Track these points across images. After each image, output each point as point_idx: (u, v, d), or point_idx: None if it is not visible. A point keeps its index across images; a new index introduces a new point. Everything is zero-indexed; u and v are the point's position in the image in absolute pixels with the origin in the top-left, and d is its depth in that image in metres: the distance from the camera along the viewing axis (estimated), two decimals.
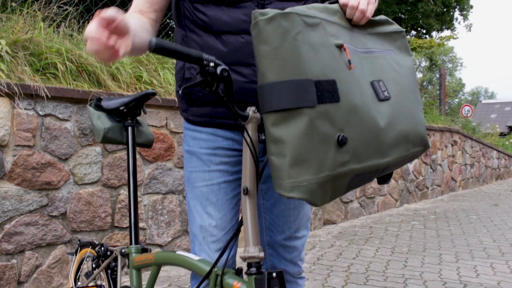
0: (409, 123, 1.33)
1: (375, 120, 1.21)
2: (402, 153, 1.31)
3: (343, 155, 1.13)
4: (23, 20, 3.43)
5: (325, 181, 1.12)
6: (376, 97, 1.25)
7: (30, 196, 3.04)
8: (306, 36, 1.14)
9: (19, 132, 2.98)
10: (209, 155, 1.57)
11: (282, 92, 1.10)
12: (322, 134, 1.10)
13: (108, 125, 1.98)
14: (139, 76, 3.88)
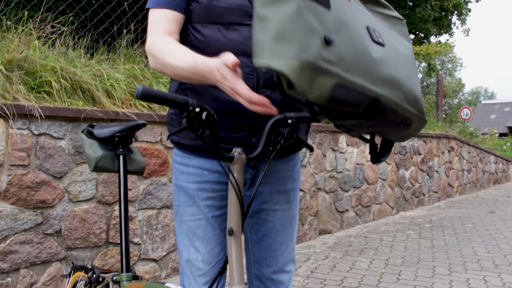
0: (403, 74, 1.31)
1: (366, 46, 1.22)
2: (393, 96, 1.26)
3: (329, 53, 1.13)
4: (18, 39, 3.46)
5: (306, 65, 1.10)
6: (369, 36, 1.26)
7: (25, 214, 3.07)
8: None
9: (14, 152, 3.01)
10: (196, 190, 1.60)
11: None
12: (309, 24, 1.11)
13: (99, 154, 2.02)
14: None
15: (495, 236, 5.69)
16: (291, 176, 1.70)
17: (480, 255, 4.82)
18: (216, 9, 1.49)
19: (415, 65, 1.44)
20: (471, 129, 11.69)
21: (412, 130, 1.38)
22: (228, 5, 1.49)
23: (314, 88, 1.12)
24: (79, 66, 3.67)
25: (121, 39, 4.28)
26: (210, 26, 1.50)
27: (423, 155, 8.09)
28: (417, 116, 1.34)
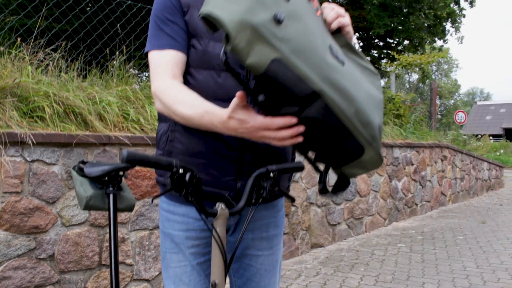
0: (356, 93, 1.28)
1: (321, 49, 1.23)
2: (340, 102, 1.23)
3: (276, 29, 1.15)
4: (11, 64, 3.51)
5: (248, 26, 1.12)
6: (329, 51, 1.27)
7: (18, 240, 3.12)
8: None
9: (7, 179, 3.06)
10: (182, 238, 1.66)
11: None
12: (261, 0, 1.15)
13: (90, 193, 2.07)
14: (126, 114, 3.96)
15: (485, 250, 5.76)
16: (274, 222, 1.75)
17: (470, 270, 4.88)
18: (211, 56, 1.53)
19: (380, 107, 1.41)
20: (464, 136, 11.77)
21: (364, 162, 1.35)
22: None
23: (252, 53, 1.14)
24: (71, 89, 3.71)
25: (113, 59, 4.33)
26: (203, 71, 1.54)
27: (415, 165, 8.16)
28: (369, 143, 1.31)
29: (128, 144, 3.70)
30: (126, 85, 4.25)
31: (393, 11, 12.05)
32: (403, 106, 8.45)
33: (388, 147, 7.29)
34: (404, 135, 8.06)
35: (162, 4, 1.59)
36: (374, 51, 14.91)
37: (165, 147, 1.63)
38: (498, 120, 50.49)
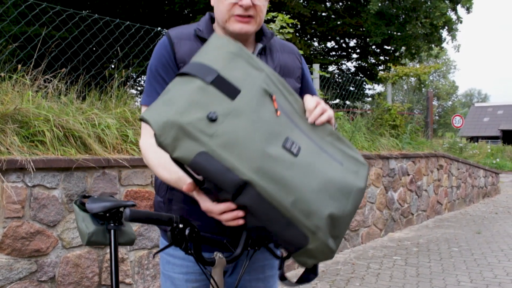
0: (302, 183, 1.33)
1: (261, 141, 1.31)
2: (274, 192, 1.29)
3: (207, 127, 1.27)
4: (11, 89, 3.58)
5: (173, 125, 1.25)
6: (281, 142, 1.35)
7: (20, 264, 3.20)
8: (238, 59, 1.41)
9: (9, 205, 3.14)
10: (181, 280, 1.74)
11: (192, 66, 1.37)
12: (200, 101, 1.29)
13: (92, 229, 2.16)
14: (125, 136, 4.03)
15: (479, 262, 5.84)
16: (270, 264, 1.83)
17: (463, 284, 4.96)
18: None
19: (345, 195, 1.41)
20: (460, 144, 11.86)
21: (311, 251, 1.36)
22: None
23: (178, 148, 1.26)
24: (71, 112, 3.79)
25: (112, 80, 4.40)
26: None
27: (411, 176, 8.24)
28: (313, 233, 1.34)
29: (127, 166, 3.77)
30: (124, 105, 4.33)
31: (389, 19, 12.15)
32: (399, 117, 8.53)
33: (384, 158, 7.37)
34: (400, 146, 8.14)
35: (158, 60, 1.68)
36: (371, 58, 15.01)
37: (165, 195, 1.71)
38: (495, 122, 50.61)
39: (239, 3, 1.61)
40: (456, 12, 13.72)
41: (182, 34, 1.71)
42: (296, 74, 1.83)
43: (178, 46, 1.68)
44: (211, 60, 1.38)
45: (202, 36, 1.69)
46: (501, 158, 22.20)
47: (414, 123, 9.22)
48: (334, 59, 15.46)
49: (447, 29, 12.49)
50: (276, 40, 1.84)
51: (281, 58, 1.80)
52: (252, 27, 1.67)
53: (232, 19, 1.64)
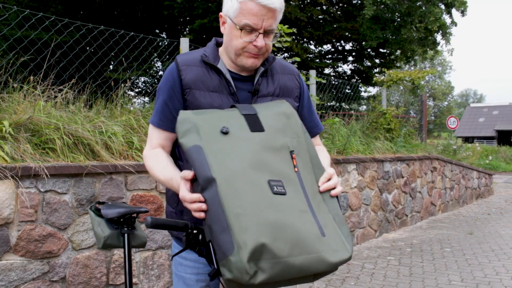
0: (259, 206, 1.45)
1: (245, 162, 1.51)
2: (226, 193, 1.46)
3: (219, 136, 1.57)
4: (23, 98, 3.77)
5: (189, 117, 1.60)
6: (267, 177, 1.52)
7: (33, 265, 3.39)
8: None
9: (23, 209, 3.33)
10: (193, 280, 1.94)
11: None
12: (219, 116, 1.63)
13: (107, 233, 2.36)
14: (131, 142, 4.22)
15: (470, 262, 6.05)
16: None
17: (454, 284, 5.17)
18: None
19: (296, 244, 1.47)
20: (454, 147, 12.08)
21: (230, 263, 1.42)
22: None
23: (184, 136, 1.60)
24: (79, 120, 3.98)
25: (117, 89, 4.59)
26: None
27: (406, 178, 8.45)
28: (240, 247, 1.42)
29: (133, 172, 3.97)
30: (129, 113, 4.52)
31: (385, 23, 12.37)
32: (394, 120, 8.75)
33: (379, 161, 7.58)
34: (395, 149, 8.35)
35: (165, 84, 1.90)
36: (367, 61, 15.22)
37: (176, 207, 1.91)
38: (491, 122, 50.91)
39: (253, 43, 1.79)
40: (451, 15, 13.96)
41: (188, 60, 1.90)
42: (294, 94, 2.02)
43: (185, 72, 1.86)
44: (259, 106, 1.71)
45: (208, 61, 1.87)
46: (495, 159, 22.47)
47: (409, 126, 9.42)
48: (330, 62, 15.69)
49: (441, 33, 12.71)
50: (277, 62, 2.03)
51: (281, 80, 1.99)
52: (260, 61, 1.87)
53: (245, 54, 1.82)
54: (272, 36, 1.83)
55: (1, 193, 3.22)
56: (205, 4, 10.42)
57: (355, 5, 14.36)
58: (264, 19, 1.76)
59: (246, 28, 1.77)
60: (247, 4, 1.75)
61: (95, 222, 2.44)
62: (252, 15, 1.75)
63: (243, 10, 1.76)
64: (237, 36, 1.79)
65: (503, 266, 5.86)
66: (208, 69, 1.87)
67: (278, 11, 1.79)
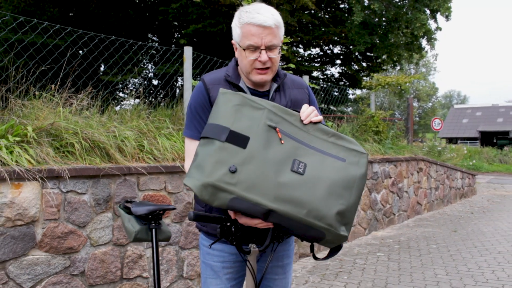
0: (311, 196, 1.81)
1: (273, 174, 1.81)
2: (292, 211, 1.77)
3: (230, 178, 1.79)
4: (43, 105, 4.05)
5: (209, 185, 1.75)
6: (289, 167, 1.85)
7: (56, 260, 3.67)
8: (243, 108, 1.90)
9: (47, 209, 3.61)
10: (219, 267, 2.26)
11: (209, 128, 1.86)
12: (221, 158, 1.81)
13: (137, 228, 2.67)
14: (141, 146, 4.52)
15: (454, 258, 6.44)
16: (287, 254, 2.36)
17: (440, 277, 5.54)
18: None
19: (350, 183, 1.91)
20: (439, 148, 12.51)
21: (329, 241, 1.88)
22: None
23: (215, 199, 1.80)
24: (95, 126, 4.26)
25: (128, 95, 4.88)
26: None
27: (393, 178, 8.84)
28: (327, 229, 1.83)
29: (145, 173, 4.27)
30: (139, 118, 4.82)
31: (373, 28, 12.76)
32: (382, 123, 9.13)
33: (368, 162, 7.94)
34: (383, 151, 8.72)
35: (196, 101, 2.20)
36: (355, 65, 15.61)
37: (206, 206, 2.21)
38: (474, 123, 51.72)
39: (258, 59, 2.11)
40: (435, 20, 14.40)
41: (214, 80, 2.21)
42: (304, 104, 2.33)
43: (212, 90, 2.17)
44: (222, 118, 1.87)
45: (231, 80, 2.19)
46: (478, 160, 23.02)
47: (396, 129, 9.81)
48: (319, 65, 16.07)
49: (426, 38, 13.15)
50: (288, 78, 2.34)
51: (292, 94, 2.30)
52: (269, 76, 2.18)
53: (254, 71, 2.14)
54: (276, 50, 2.13)
55: (28, 194, 3.50)
56: (200, 10, 10.71)
57: (343, 10, 14.75)
58: (262, 36, 2.07)
59: (250, 47, 2.09)
60: (246, 28, 2.08)
61: (125, 219, 2.75)
62: (252, 36, 2.07)
63: (244, 33, 2.09)
64: (245, 56, 2.12)
65: (485, 261, 6.26)
66: (232, 87, 2.18)
67: (274, 28, 2.09)
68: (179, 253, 4.61)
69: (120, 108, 4.83)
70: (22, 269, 3.48)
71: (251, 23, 2.06)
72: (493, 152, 27.76)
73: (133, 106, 4.94)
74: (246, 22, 2.07)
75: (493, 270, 5.81)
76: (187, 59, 5.43)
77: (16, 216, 3.43)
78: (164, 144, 4.71)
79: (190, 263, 4.72)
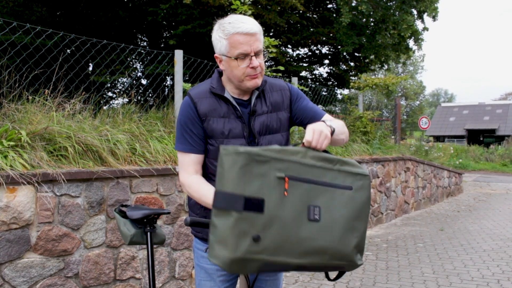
0: (331, 241, 1.84)
1: (294, 231, 1.81)
2: (316, 260, 1.81)
3: (256, 247, 1.70)
4: (37, 110, 4.10)
5: (237, 260, 1.68)
6: (306, 216, 1.85)
7: (51, 262, 3.73)
8: (250, 168, 1.78)
9: (41, 212, 3.67)
10: (213, 270, 2.34)
11: (221, 197, 1.73)
12: (242, 230, 1.70)
13: (132, 232, 2.74)
14: (133, 149, 4.59)
15: (441, 256, 6.57)
16: None
17: (427, 275, 5.66)
18: None
19: (365, 210, 1.97)
20: (426, 148, 12.68)
21: (346, 269, 1.96)
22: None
23: (245, 269, 1.77)
24: (88, 130, 4.32)
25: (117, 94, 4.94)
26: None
27: (381, 178, 8.96)
28: (348, 264, 1.92)
29: (137, 176, 4.33)
30: (130, 121, 4.88)
31: (360, 29, 12.89)
32: (370, 124, 9.26)
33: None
34: (371, 151, 8.85)
35: (185, 115, 2.27)
36: (343, 65, 15.74)
37: (200, 213, 2.30)
38: (461, 122, 52.22)
39: (250, 66, 2.18)
40: (422, 20, 14.57)
41: (200, 93, 2.28)
42: (285, 105, 2.38)
43: (199, 104, 2.25)
44: (232, 185, 1.76)
45: (216, 92, 2.26)
46: (465, 158, 23.28)
47: (383, 129, 9.95)
48: (307, 65, 16.18)
49: (414, 39, 13.30)
50: (268, 83, 2.38)
51: (272, 98, 2.37)
52: (260, 80, 2.26)
53: (247, 78, 2.21)
54: (261, 55, 2.22)
55: (23, 197, 3.56)
56: (189, 11, 10.76)
57: (331, 10, 14.87)
58: (251, 43, 2.15)
59: (240, 56, 2.15)
60: (234, 38, 2.14)
61: (120, 223, 2.82)
62: (241, 44, 2.14)
63: (233, 43, 2.15)
64: (235, 66, 2.18)
65: (471, 259, 6.40)
66: (217, 99, 2.26)
67: (258, 33, 2.18)
68: (171, 254, 4.69)
69: (109, 107, 4.87)
70: (17, 272, 3.54)
71: (238, 33, 2.13)
72: (480, 150, 28.08)
73: (125, 109, 5.00)
74: (232, 32, 2.13)
75: (478, 268, 5.95)
76: (178, 62, 5.50)
77: (11, 219, 3.49)
78: (156, 146, 4.78)
79: (182, 264, 4.79)
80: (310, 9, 14.57)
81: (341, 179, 1.95)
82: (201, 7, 10.75)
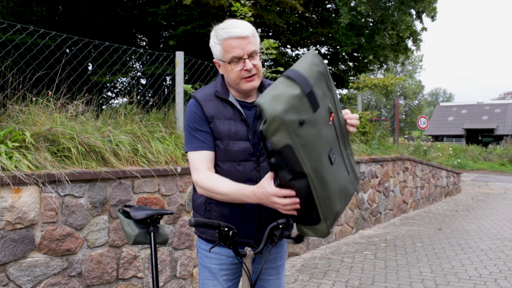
0: (332, 186, 1.99)
1: (320, 147, 1.93)
2: (317, 186, 1.91)
3: (295, 127, 1.81)
4: (41, 111, 4.16)
5: (280, 118, 1.77)
6: (327, 153, 1.97)
7: (55, 262, 3.79)
8: (324, 78, 2.04)
9: (46, 212, 3.73)
10: (216, 269, 2.40)
11: (297, 73, 1.92)
12: (297, 106, 1.83)
13: (136, 232, 2.80)
14: (135, 150, 4.64)
15: (439, 256, 6.64)
16: (280, 256, 2.51)
17: (425, 275, 5.73)
18: (231, 152, 2.28)
19: (346, 199, 2.14)
20: (424, 148, 12.75)
21: (316, 229, 2.01)
22: (238, 149, 2.28)
23: (276, 135, 1.84)
24: (90, 131, 4.38)
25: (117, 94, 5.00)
26: (226, 162, 2.30)
27: (380, 178, 9.03)
28: (325, 219, 1.99)
29: (138, 177, 4.39)
30: (132, 122, 4.94)
31: (359, 30, 12.94)
32: (369, 124, 9.32)
33: (355, 163, 8.12)
34: (370, 151, 8.91)
35: (192, 116, 2.33)
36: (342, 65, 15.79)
37: (204, 214, 2.36)
38: (460, 121, 52.33)
39: (244, 68, 2.24)
40: (421, 20, 14.62)
41: (205, 96, 2.35)
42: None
43: (205, 106, 2.31)
44: (308, 75, 1.94)
45: (221, 96, 2.32)
46: (463, 158, 23.36)
47: (382, 129, 10.01)
48: None
49: (412, 39, 13.36)
50: (268, 85, 2.43)
51: None
52: (257, 82, 2.32)
53: (243, 81, 2.27)
54: (256, 57, 2.27)
55: (28, 198, 3.62)
56: (189, 11, 10.80)
57: (330, 10, 14.92)
58: (243, 46, 2.21)
59: (234, 60, 2.22)
60: (226, 43, 2.21)
61: (124, 223, 2.87)
62: (233, 48, 2.21)
63: (225, 48, 2.22)
64: (230, 70, 2.25)
65: (469, 259, 6.47)
66: (222, 102, 2.32)
67: (251, 37, 2.23)
68: (172, 253, 4.75)
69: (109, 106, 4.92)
70: (22, 271, 3.60)
71: (229, 37, 2.19)
72: (478, 150, 28.16)
73: (126, 110, 5.05)
74: (224, 37, 2.20)
75: (476, 268, 6.02)
76: (179, 63, 5.56)
77: (16, 219, 3.55)
78: (157, 147, 4.83)
79: (183, 263, 4.85)
80: (309, 9, 14.62)
81: (347, 161, 2.16)
82: (201, 8, 10.79)
